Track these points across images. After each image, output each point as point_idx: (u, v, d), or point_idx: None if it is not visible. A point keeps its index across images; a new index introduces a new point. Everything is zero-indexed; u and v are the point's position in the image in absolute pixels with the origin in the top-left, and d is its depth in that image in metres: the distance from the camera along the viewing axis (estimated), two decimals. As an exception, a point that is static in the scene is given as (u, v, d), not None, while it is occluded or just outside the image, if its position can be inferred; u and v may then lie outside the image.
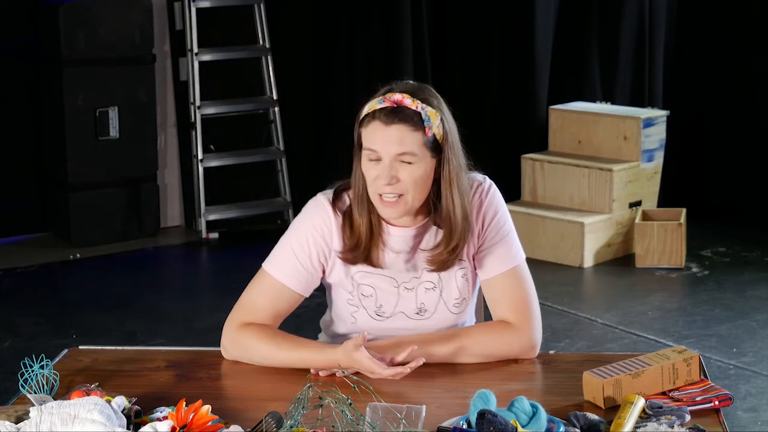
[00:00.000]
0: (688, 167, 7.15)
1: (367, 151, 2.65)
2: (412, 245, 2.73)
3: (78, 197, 6.64)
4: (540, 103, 6.98)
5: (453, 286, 2.75)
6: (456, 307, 2.76)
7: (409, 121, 2.61)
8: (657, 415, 2.31)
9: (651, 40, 7.06)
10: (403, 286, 2.74)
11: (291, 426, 2.16)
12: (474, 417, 2.17)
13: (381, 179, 2.63)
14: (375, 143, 2.63)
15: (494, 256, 2.74)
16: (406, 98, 2.62)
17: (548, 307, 5.56)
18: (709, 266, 6.25)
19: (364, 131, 2.66)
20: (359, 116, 2.68)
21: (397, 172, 2.62)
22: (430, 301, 2.75)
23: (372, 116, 2.64)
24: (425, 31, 6.93)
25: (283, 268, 2.75)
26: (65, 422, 2.17)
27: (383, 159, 2.63)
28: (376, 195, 2.66)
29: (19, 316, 5.59)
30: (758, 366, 4.87)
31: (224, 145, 6.99)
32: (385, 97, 2.64)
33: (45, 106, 6.74)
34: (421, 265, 2.74)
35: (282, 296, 2.74)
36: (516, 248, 2.76)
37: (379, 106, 2.63)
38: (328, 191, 2.80)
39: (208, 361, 2.72)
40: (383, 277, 2.73)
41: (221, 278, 6.36)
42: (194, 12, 6.78)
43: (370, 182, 2.67)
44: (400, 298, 2.74)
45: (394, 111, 2.62)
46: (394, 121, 2.61)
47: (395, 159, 2.62)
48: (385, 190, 2.63)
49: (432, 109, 2.63)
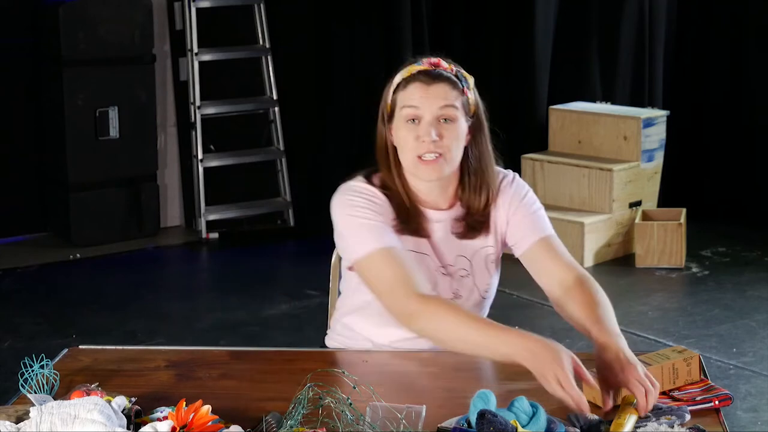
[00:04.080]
0: (688, 167, 7.15)
1: (407, 109, 2.66)
2: (447, 228, 2.76)
3: (78, 197, 6.64)
4: (540, 103, 6.98)
5: (484, 271, 2.79)
6: (486, 292, 2.81)
7: (448, 80, 2.69)
8: (657, 415, 2.31)
9: (651, 40, 7.07)
10: (439, 271, 2.76)
11: (291, 426, 2.16)
12: (474, 417, 2.17)
13: (423, 137, 2.64)
14: (415, 100, 2.66)
15: (534, 226, 2.77)
16: (442, 61, 2.71)
17: (548, 307, 5.53)
18: (709, 266, 6.25)
19: (401, 95, 2.68)
20: (391, 85, 2.71)
21: (440, 129, 2.65)
22: (464, 287, 2.78)
23: (411, 78, 2.68)
24: (425, 31, 6.93)
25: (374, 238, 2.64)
26: (65, 422, 2.17)
27: (424, 117, 2.65)
28: (414, 158, 2.67)
29: (19, 316, 5.59)
30: (758, 366, 4.87)
31: (224, 145, 6.99)
32: (422, 60, 2.71)
33: (45, 106, 6.74)
34: (455, 251, 2.76)
35: (400, 255, 2.62)
36: (548, 222, 2.80)
37: (418, 68, 2.69)
38: (355, 179, 2.78)
39: (208, 361, 2.72)
40: (425, 256, 2.74)
41: (221, 278, 6.36)
42: (194, 12, 6.78)
43: (408, 145, 2.67)
44: (439, 282, 2.75)
45: (433, 71, 2.68)
46: (436, 80, 2.67)
47: (437, 117, 2.65)
48: (429, 148, 2.64)
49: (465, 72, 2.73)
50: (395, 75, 2.73)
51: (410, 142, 2.66)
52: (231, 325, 5.47)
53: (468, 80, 2.73)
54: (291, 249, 6.77)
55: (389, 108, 2.72)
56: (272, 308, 5.68)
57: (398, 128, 2.69)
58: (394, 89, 2.71)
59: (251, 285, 6.01)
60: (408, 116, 2.66)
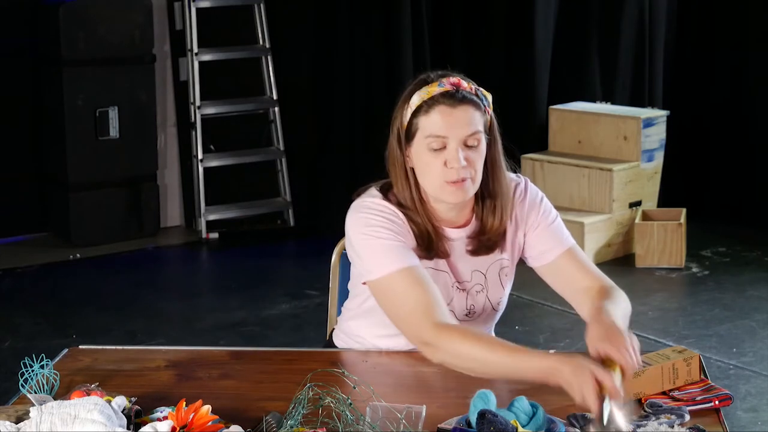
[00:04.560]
0: (688, 167, 7.15)
1: (430, 139, 2.56)
2: (462, 245, 2.70)
3: (78, 197, 6.64)
4: (540, 103, 6.98)
5: (497, 284, 2.76)
6: (498, 305, 2.78)
7: (471, 102, 2.58)
8: (657, 414, 2.31)
9: (651, 40, 7.06)
10: (456, 287, 2.72)
11: (291, 426, 2.16)
12: (474, 417, 2.17)
13: (452, 163, 2.54)
14: (441, 129, 2.55)
15: (556, 238, 2.73)
16: (461, 80, 2.60)
17: (548, 307, 5.56)
18: (709, 266, 6.25)
19: (423, 120, 2.57)
20: (408, 105, 2.59)
21: (466, 154, 2.56)
22: (478, 303, 2.75)
23: (433, 102, 2.56)
24: (425, 31, 6.92)
25: (393, 259, 2.56)
26: (65, 422, 2.17)
27: (450, 144, 2.55)
28: (442, 183, 2.57)
29: (19, 316, 5.59)
30: (758, 366, 4.87)
31: (224, 145, 6.99)
32: (442, 80, 2.57)
33: (45, 106, 6.74)
34: (470, 267, 2.72)
35: (421, 276, 2.55)
36: (567, 232, 2.77)
37: (440, 90, 2.56)
38: (370, 193, 2.67)
39: (208, 361, 2.72)
40: (442, 273, 2.69)
41: (221, 278, 6.36)
42: (194, 12, 6.78)
43: (435, 172, 2.57)
44: (454, 298, 2.72)
45: (457, 93, 2.56)
46: (460, 103, 2.56)
47: (462, 142, 2.56)
48: (460, 174, 2.55)
49: (484, 90, 2.63)
50: (410, 91, 2.61)
51: (437, 169, 2.57)
52: (231, 325, 5.47)
53: (488, 98, 2.64)
54: (291, 249, 6.77)
55: (405, 128, 2.60)
56: (272, 308, 5.67)
57: (420, 153, 2.59)
58: (413, 111, 2.58)
59: (251, 285, 6.01)
60: (433, 146, 2.56)
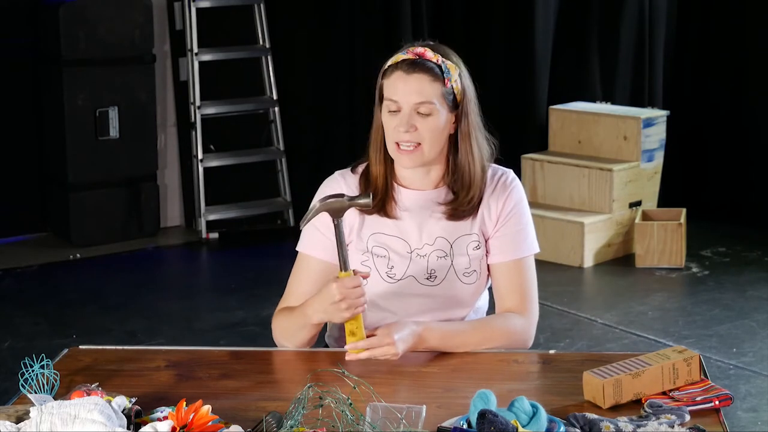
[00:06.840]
0: (687, 167, 7.15)
1: (387, 102, 2.76)
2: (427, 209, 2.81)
3: (78, 197, 6.64)
4: (540, 103, 6.97)
5: (464, 255, 2.80)
6: (466, 277, 2.81)
7: (429, 71, 2.75)
8: (657, 414, 2.31)
9: (651, 40, 7.06)
10: (416, 252, 2.80)
11: (291, 426, 2.16)
12: (474, 417, 2.17)
13: (400, 127, 2.73)
14: (396, 93, 2.74)
15: (510, 242, 2.82)
16: (427, 51, 2.78)
17: (548, 307, 5.56)
18: (709, 266, 6.25)
19: (386, 82, 2.78)
20: (382, 69, 2.81)
21: (415, 121, 2.74)
22: (440, 268, 2.80)
23: (395, 67, 2.77)
24: (425, 32, 6.92)
25: (309, 242, 2.91)
26: (65, 422, 2.17)
27: (402, 108, 2.74)
28: (393, 144, 2.77)
29: (19, 316, 5.59)
30: (758, 366, 4.87)
31: (224, 145, 6.99)
32: (408, 49, 2.79)
33: (45, 106, 6.74)
34: (434, 233, 2.80)
35: (315, 268, 2.88)
36: (531, 239, 2.85)
37: (402, 57, 2.78)
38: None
39: (208, 361, 2.73)
40: (397, 239, 2.80)
41: (221, 278, 6.36)
42: (194, 12, 6.78)
43: (389, 132, 2.77)
44: (412, 263, 2.80)
45: (415, 62, 2.76)
46: (415, 70, 2.75)
47: (414, 109, 2.73)
48: (403, 137, 2.74)
49: (451, 63, 2.79)
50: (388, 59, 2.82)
51: (390, 130, 2.77)
52: (231, 325, 5.47)
53: (451, 71, 2.77)
54: (291, 249, 6.72)
55: (378, 89, 2.82)
56: (272, 308, 5.61)
57: (384, 114, 2.79)
58: (382, 74, 2.81)
59: (251, 285, 6.01)
60: (389, 107, 2.76)
